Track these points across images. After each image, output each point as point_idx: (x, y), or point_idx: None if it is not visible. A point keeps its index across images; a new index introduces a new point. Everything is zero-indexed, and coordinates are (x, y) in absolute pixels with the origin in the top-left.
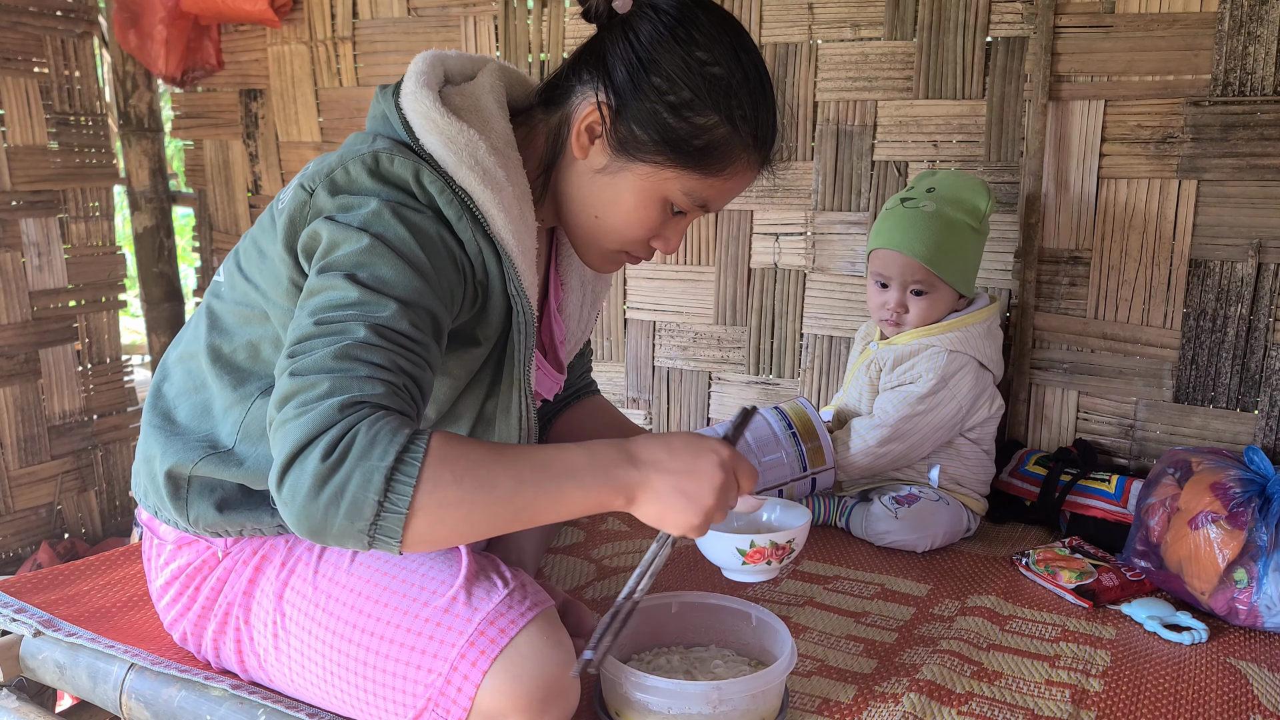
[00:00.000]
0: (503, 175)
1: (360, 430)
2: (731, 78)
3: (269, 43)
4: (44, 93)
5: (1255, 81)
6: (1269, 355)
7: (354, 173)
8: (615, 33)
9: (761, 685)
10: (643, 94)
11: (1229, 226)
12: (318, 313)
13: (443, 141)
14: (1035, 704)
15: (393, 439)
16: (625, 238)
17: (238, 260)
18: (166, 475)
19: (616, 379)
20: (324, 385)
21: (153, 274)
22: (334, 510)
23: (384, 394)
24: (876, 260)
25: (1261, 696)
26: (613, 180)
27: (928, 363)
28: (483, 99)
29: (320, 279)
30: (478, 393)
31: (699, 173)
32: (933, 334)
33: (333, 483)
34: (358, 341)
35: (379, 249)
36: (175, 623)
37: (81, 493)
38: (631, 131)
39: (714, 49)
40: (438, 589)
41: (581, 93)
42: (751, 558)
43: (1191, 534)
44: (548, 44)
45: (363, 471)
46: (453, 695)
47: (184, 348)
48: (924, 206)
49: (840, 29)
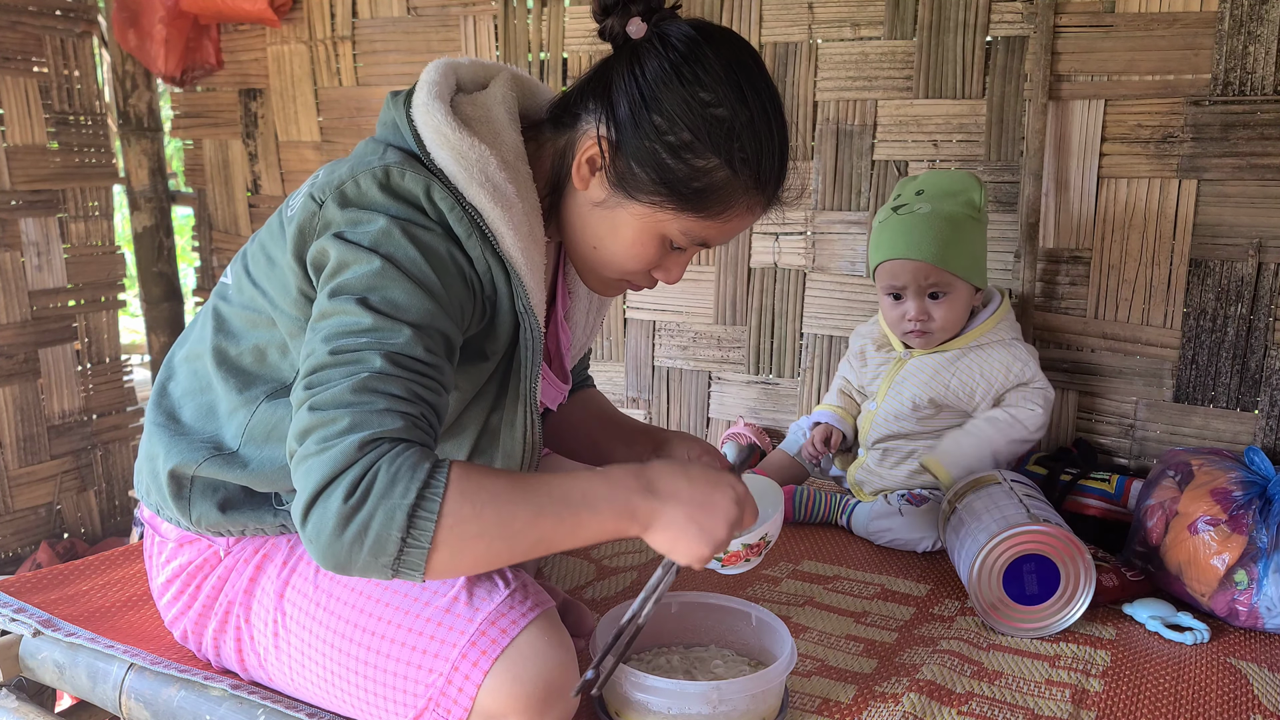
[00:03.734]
0: (513, 191)
1: (381, 468)
2: (735, 119)
3: (269, 42)
4: (43, 92)
5: (1255, 81)
6: (1269, 355)
7: (364, 186)
8: (623, 63)
9: (761, 685)
10: (642, 132)
11: (1229, 226)
12: (332, 339)
13: (453, 157)
14: (1035, 703)
15: (413, 476)
16: (623, 269)
17: (246, 264)
18: (170, 475)
19: (616, 379)
20: (344, 421)
21: (152, 274)
22: (358, 548)
23: (403, 427)
24: (885, 273)
25: (1262, 696)
26: (610, 215)
27: (1010, 355)
28: (494, 110)
29: (332, 303)
30: (483, 406)
31: (696, 214)
32: (976, 337)
33: (356, 521)
34: (375, 373)
35: (390, 271)
36: (176, 621)
37: (81, 492)
38: (630, 169)
39: (719, 89)
40: (439, 588)
41: (587, 121)
42: (729, 561)
43: (1191, 538)
44: (548, 44)
45: (385, 510)
46: (453, 695)
47: (189, 348)
48: (918, 209)
49: (840, 28)
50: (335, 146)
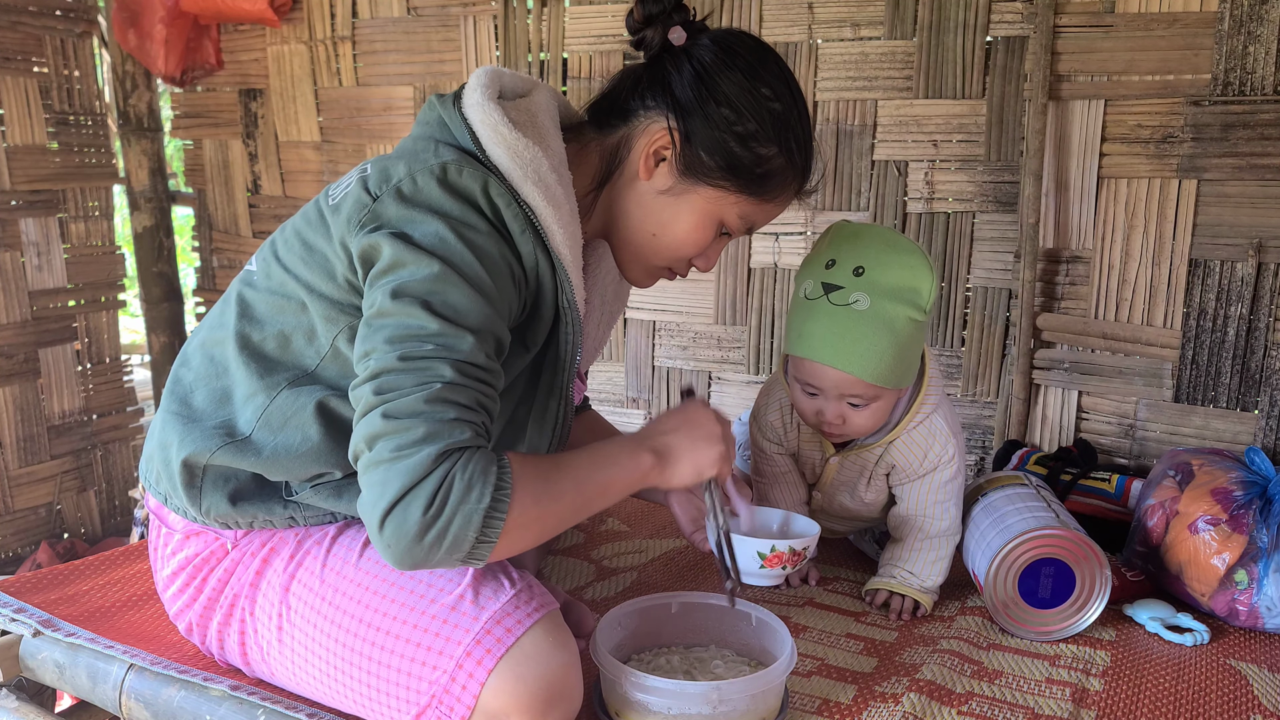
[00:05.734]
0: (561, 193)
1: (456, 476)
2: (789, 113)
3: (269, 42)
4: (43, 92)
5: (1255, 81)
6: (1269, 355)
7: (421, 183)
8: (678, 62)
9: (761, 685)
10: (712, 123)
11: (1229, 226)
12: (397, 343)
13: (509, 154)
14: (1036, 703)
15: (485, 481)
16: (676, 255)
17: (275, 250)
18: (182, 464)
19: (616, 379)
20: (419, 431)
21: (152, 274)
22: (436, 549)
23: (471, 436)
24: (802, 369)
25: (1262, 697)
26: (675, 201)
27: (929, 435)
28: (540, 116)
29: (393, 304)
30: (511, 398)
31: (755, 198)
32: (904, 429)
33: (435, 528)
34: (446, 383)
35: (450, 276)
36: (181, 613)
37: (81, 492)
38: (699, 157)
39: (775, 85)
40: (445, 587)
41: (646, 116)
42: (770, 562)
43: (1191, 538)
44: (547, 44)
45: (463, 515)
46: (456, 693)
47: (206, 334)
48: (855, 303)
49: (840, 28)
50: (335, 146)
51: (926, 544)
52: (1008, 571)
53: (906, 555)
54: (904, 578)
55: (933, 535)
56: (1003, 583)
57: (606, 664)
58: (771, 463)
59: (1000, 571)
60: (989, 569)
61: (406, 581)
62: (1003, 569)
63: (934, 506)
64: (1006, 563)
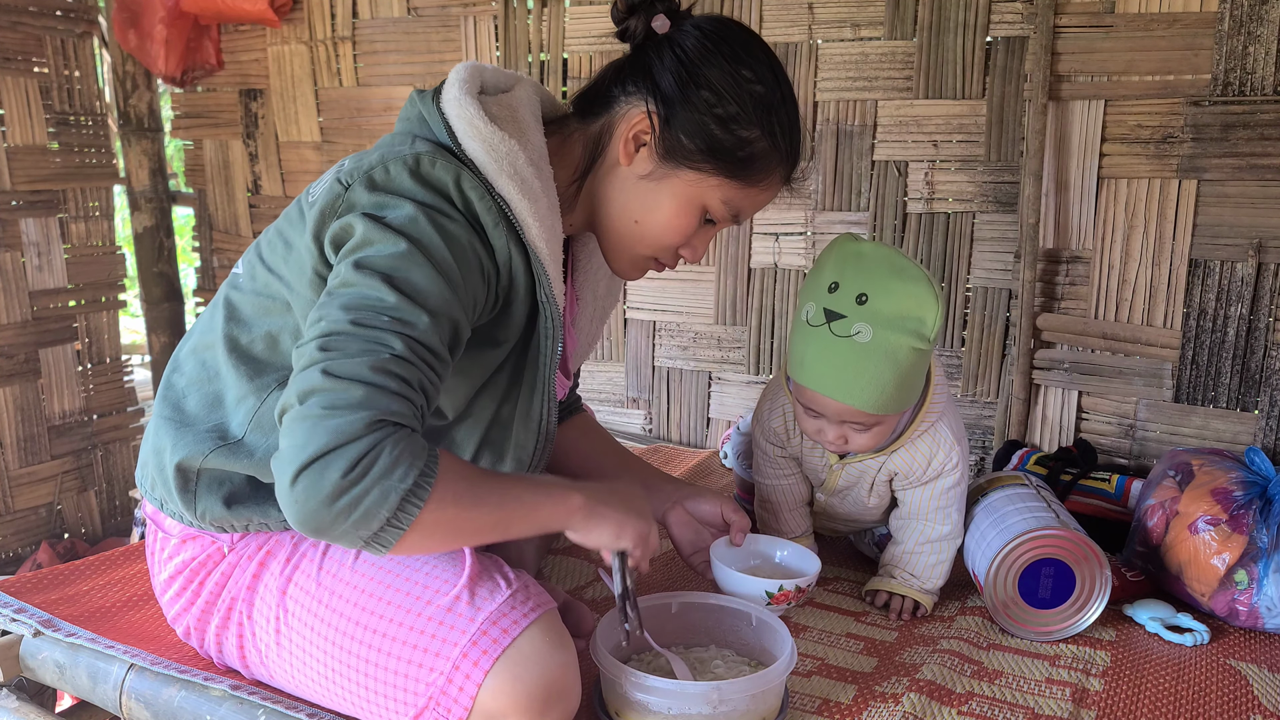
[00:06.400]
0: (539, 186)
1: (385, 449)
2: (771, 96)
3: (269, 42)
4: (44, 92)
5: (1255, 81)
6: (1269, 355)
7: (394, 172)
8: (660, 47)
9: (761, 685)
10: (692, 105)
11: (1229, 226)
12: (352, 310)
13: (484, 148)
14: (1036, 702)
15: (413, 463)
16: (660, 243)
17: (259, 251)
18: (176, 468)
19: (616, 379)
20: (357, 393)
21: (152, 274)
22: (343, 519)
23: (408, 414)
24: (803, 393)
25: (1261, 697)
26: (655, 186)
27: (934, 443)
28: (520, 111)
29: (355, 274)
30: (493, 395)
31: (739, 182)
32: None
33: (350, 495)
34: (393, 355)
35: (415, 256)
36: (178, 618)
37: (81, 493)
38: (679, 140)
39: (757, 68)
40: (441, 588)
41: (627, 102)
42: (778, 600)
43: (1191, 538)
44: (548, 44)
45: (381, 489)
46: (454, 695)
47: (197, 339)
48: (857, 334)
49: (840, 29)
50: (335, 147)
51: (928, 547)
52: (1008, 571)
53: (907, 557)
54: (904, 579)
55: (934, 539)
56: (1003, 583)
57: (606, 664)
58: (774, 465)
59: (1000, 571)
60: (989, 569)
61: (403, 583)
62: (1003, 569)
63: (936, 511)
64: (1007, 563)
